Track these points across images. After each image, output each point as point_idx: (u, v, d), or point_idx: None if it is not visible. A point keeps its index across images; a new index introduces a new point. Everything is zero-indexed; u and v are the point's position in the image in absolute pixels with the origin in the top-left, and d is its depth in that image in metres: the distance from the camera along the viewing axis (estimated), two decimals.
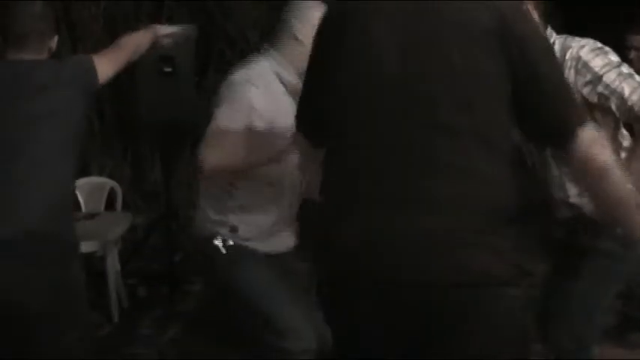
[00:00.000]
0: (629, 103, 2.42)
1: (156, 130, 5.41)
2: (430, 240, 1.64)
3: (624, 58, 4.41)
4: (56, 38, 2.72)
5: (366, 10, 1.79)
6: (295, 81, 2.56)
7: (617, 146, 2.52)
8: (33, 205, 2.44)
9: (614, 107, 2.46)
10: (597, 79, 2.46)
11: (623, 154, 2.53)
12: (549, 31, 2.59)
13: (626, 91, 2.43)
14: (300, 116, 1.99)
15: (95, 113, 5.91)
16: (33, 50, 2.60)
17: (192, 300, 4.81)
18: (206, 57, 5.85)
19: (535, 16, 2.59)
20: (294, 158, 2.30)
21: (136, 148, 6.38)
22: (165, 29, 3.18)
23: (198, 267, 3.60)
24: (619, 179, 1.74)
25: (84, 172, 5.34)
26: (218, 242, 2.70)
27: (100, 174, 5.78)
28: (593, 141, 1.72)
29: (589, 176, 1.74)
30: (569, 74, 2.47)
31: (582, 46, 2.51)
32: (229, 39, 6.19)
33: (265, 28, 4.88)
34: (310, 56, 1.89)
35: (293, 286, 2.72)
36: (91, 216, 4.79)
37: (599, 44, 2.54)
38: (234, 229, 2.70)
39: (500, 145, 1.71)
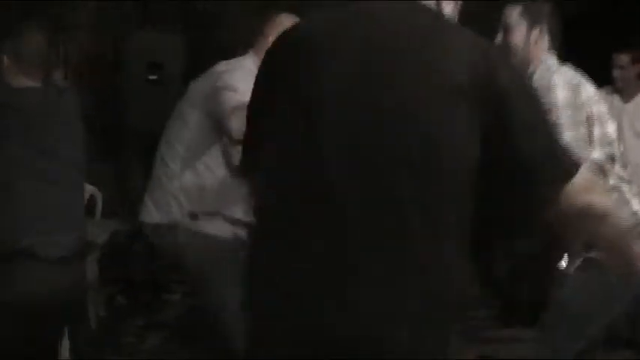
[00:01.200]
0: None
1: (141, 137, 5.36)
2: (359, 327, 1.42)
3: (610, 77, 4.52)
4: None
5: (318, 46, 1.54)
6: None
7: None
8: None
9: None
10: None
11: None
12: (553, 60, 2.60)
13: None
14: (244, 164, 1.79)
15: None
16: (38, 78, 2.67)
17: (173, 309, 4.77)
18: (195, 65, 5.81)
19: (545, 43, 2.61)
20: None
21: (120, 155, 6.32)
22: None
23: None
24: (617, 222, 1.66)
25: None
26: None
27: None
28: (587, 188, 1.56)
29: (588, 223, 1.61)
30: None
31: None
32: (220, 47, 6.15)
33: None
34: (252, 95, 1.69)
35: None
36: None
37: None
38: None
39: (451, 221, 1.46)
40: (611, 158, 2.56)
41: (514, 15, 2.62)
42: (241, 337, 1.81)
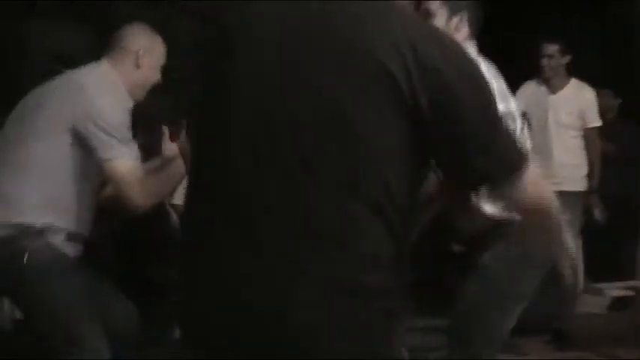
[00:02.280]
0: None
1: None
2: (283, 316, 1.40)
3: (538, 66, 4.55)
4: None
5: (240, 33, 1.51)
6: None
7: None
8: None
9: None
10: None
11: None
12: (473, 50, 2.56)
13: None
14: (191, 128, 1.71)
15: None
16: None
17: None
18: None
19: (465, 31, 2.59)
20: None
21: None
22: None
23: None
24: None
25: None
26: None
27: None
28: (530, 182, 1.51)
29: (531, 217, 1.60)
30: None
31: None
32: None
33: None
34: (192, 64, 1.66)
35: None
36: None
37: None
38: None
39: (369, 204, 1.40)
40: None
41: (435, 3, 2.58)
42: None
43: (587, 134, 4.61)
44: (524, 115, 2.92)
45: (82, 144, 2.50)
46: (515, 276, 2.60)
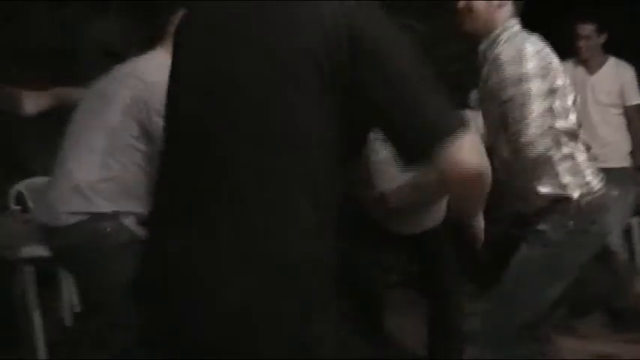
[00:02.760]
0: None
1: None
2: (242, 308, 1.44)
3: (574, 47, 4.53)
4: None
5: (193, 21, 1.65)
6: None
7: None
8: None
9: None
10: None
11: None
12: (518, 27, 2.62)
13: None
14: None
15: None
16: None
17: None
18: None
19: (509, 8, 2.62)
20: None
21: None
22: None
23: None
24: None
25: (27, 172, 5.18)
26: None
27: (45, 173, 5.59)
28: (462, 148, 1.46)
29: (457, 185, 1.53)
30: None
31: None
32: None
33: None
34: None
35: None
36: None
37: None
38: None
39: (297, 186, 1.46)
40: (569, 131, 2.57)
41: None
42: None
43: (629, 112, 4.59)
44: None
45: (145, 132, 2.61)
46: (564, 254, 2.60)
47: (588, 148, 2.68)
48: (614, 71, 4.61)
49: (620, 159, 4.57)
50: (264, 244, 1.44)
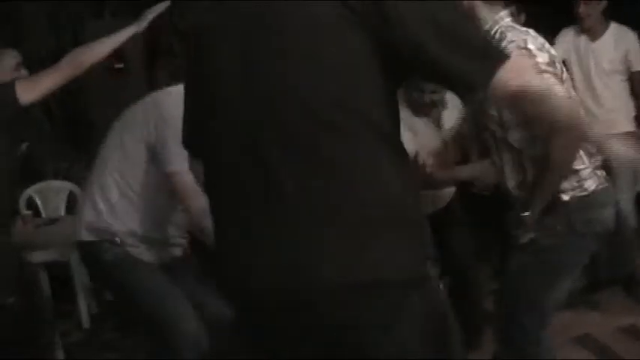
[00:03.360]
0: None
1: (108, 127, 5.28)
2: (312, 244, 1.53)
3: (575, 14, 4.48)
4: None
5: (209, 18, 1.68)
6: None
7: None
8: None
9: None
10: None
11: None
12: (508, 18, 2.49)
13: None
14: (185, 138, 1.85)
15: (44, 114, 5.76)
16: None
17: None
18: (153, 51, 5.72)
19: None
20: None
21: (90, 148, 6.23)
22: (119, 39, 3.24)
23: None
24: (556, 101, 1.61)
25: (39, 176, 5.21)
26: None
27: (56, 177, 5.63)
28: (511, 70, 1.49)
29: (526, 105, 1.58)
30: None
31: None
32: (177, 32, 6.06)
33: None
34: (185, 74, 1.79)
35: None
36: (52, 221, 4.67)
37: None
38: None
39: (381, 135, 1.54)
40: None
41: None
42: None
43: (633, 77, 4.54)
44: (563, 62, 2.85)
45: (157, 158, 2.74)
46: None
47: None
48: (616, 38, 4.55)
49: (626, 124, 4.53)
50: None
